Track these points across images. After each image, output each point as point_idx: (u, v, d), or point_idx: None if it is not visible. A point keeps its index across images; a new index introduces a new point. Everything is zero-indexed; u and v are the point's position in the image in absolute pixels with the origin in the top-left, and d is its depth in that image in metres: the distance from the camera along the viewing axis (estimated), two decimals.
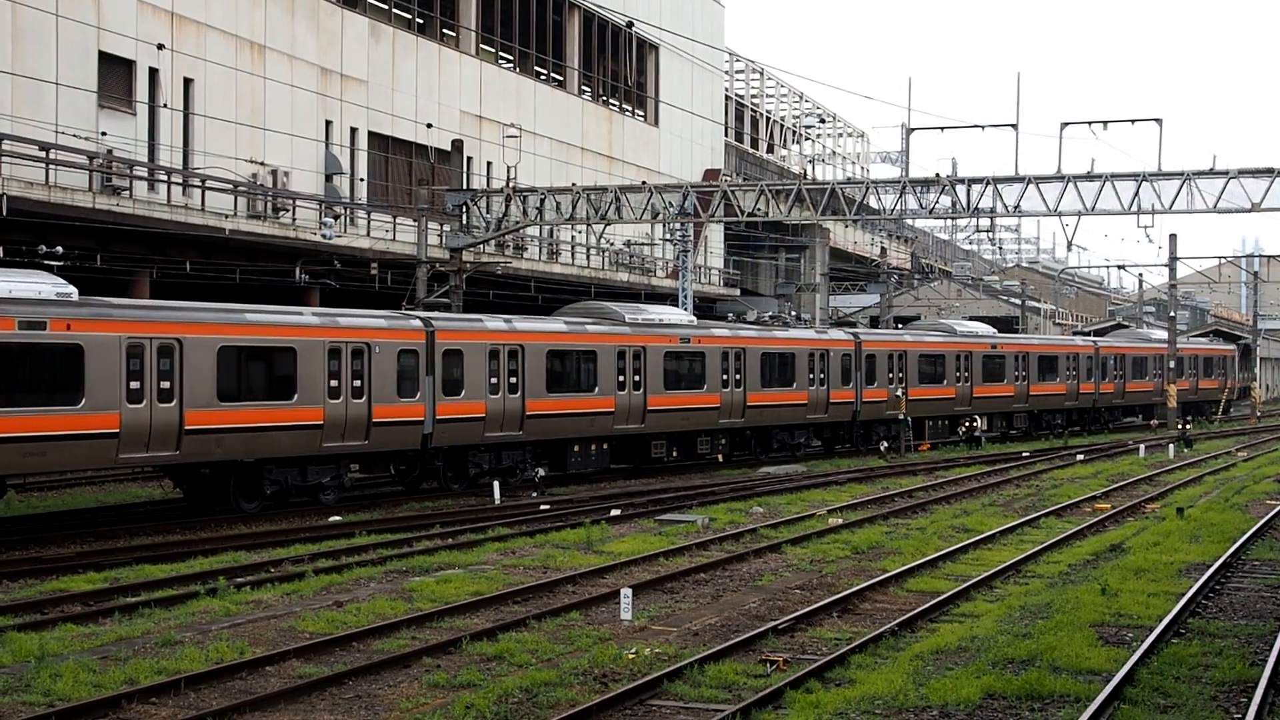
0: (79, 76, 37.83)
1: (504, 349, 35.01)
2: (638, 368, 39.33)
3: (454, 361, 33.73)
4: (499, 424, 34.81)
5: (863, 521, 30.51)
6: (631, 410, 39.07)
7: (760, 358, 44.49)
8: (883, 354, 50.90)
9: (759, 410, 44.38)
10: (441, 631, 18.45)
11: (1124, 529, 29.84)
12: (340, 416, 30.71)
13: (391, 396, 31.93)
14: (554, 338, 36.88)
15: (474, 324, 35.15)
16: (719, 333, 43.54)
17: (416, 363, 32.73)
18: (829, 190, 43.42)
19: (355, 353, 31.16)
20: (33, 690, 15.15)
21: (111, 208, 36.23)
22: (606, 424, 38.35)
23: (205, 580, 21.66)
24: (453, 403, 33.55)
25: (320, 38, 47.78)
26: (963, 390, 55.54)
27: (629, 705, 14.85)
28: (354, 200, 48.63)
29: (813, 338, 48.14)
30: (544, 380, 36.08)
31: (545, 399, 36.10)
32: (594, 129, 65.20)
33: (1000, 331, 69.33)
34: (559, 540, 26.92)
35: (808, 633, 18.80)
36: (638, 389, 39.30)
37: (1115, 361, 68.64)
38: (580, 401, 37.39)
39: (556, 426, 36.80)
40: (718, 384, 42.40)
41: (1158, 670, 16.17)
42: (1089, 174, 40.21)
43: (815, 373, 47.11)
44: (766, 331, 46.28)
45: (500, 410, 34.80)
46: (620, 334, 39.20)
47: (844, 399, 48.71)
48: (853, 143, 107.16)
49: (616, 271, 63.03)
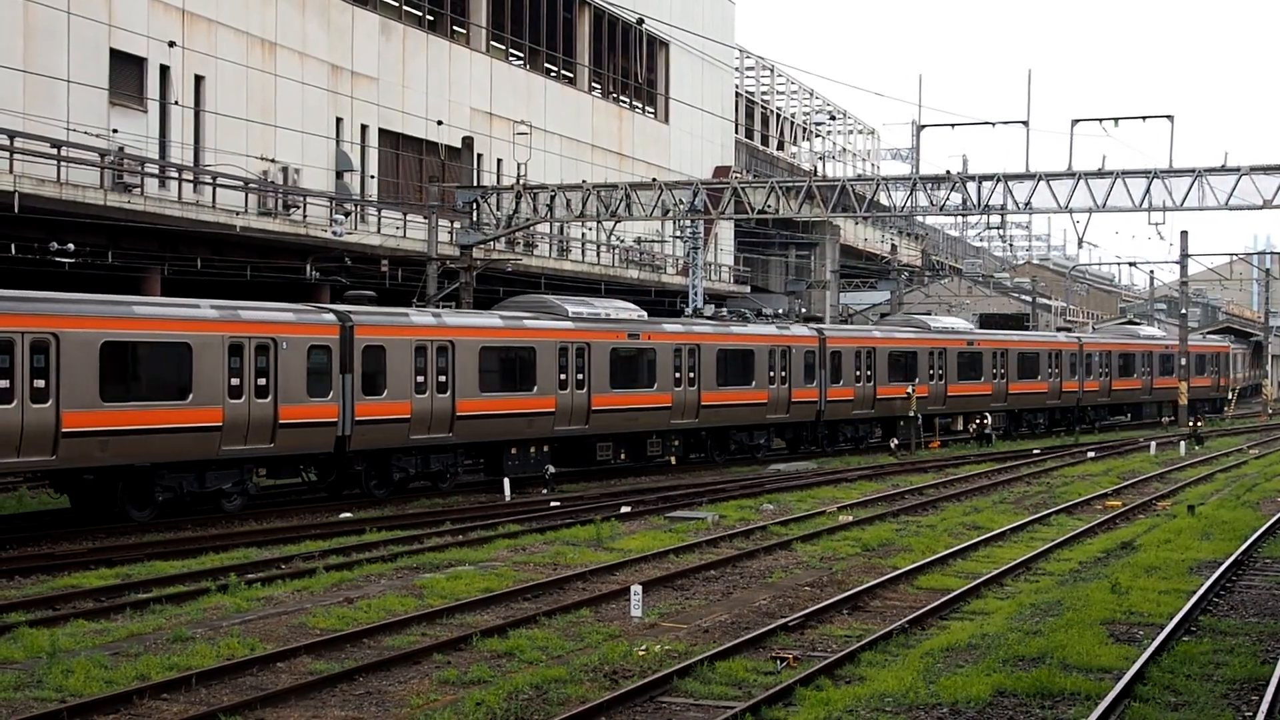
0: (90, 74, 37.89)
1: (432, 345, 33.00)
2: (581, 365, 37.19)
3: (375, 358, 31.66)
4: (426, 425, 32.77)
5: (873, 519, 30.49)
6: (574, 410, 36.96)
7: (716, 354, 42.39)
8: (849, 351, 48.83)
9: (714, 410, 42.33)
10: (452, 628, 18.46)
11: (1135, 526, 29.81)
12: (242, 417, 28.65)
13: (301, 396, 29.83)
14: (488, 333, 34.94)
15: (398, 318, 33.04)
16: (670, 328, 41.39)
17: (330, 360, 30.64)
18: (839, 187, 43.41)
19: (260, 349, 29.07)
20: (45, 686, 15.19)
21: (123, 205, 36.29)
22: (547, 425, 36.30)
23: (216, 576, 21.70)
24: (373, 403, 31.49)
25: (331, 35, 47.83)
26: (936, 389, 53.28)
27: (639, 702, 14.85)
28: (364, 197, 48.67)
29: (773, 334, 45.80)
30: (477, 378, 34.04)
31: (478, 398, 34.06)
32: (604, 126, 65.19)
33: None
34: (569, 537, 26.94)
35: (818, 630, 18.80)
36: (581, 388, 37.20)
37: (1101, 359, 66.18)
38: (517, 401, 35.32)
39: (491, 428, 34.80)
40: (669, 382, 40.33)
41: (1168, 668, 16.14)
42: (1100, 171, 40.15)
43: (776, 370, 44.99)
44: (723, 327, 44.09)
45: (428, 411, 32.76)
46: (562, 329, 37.05)
47: (807, 398, 46.67)
48: (863, 140, 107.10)
49: (627, 269, 63.03)
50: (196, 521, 28.65)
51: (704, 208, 43.83)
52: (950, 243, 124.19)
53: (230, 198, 40.90)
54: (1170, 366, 72.03)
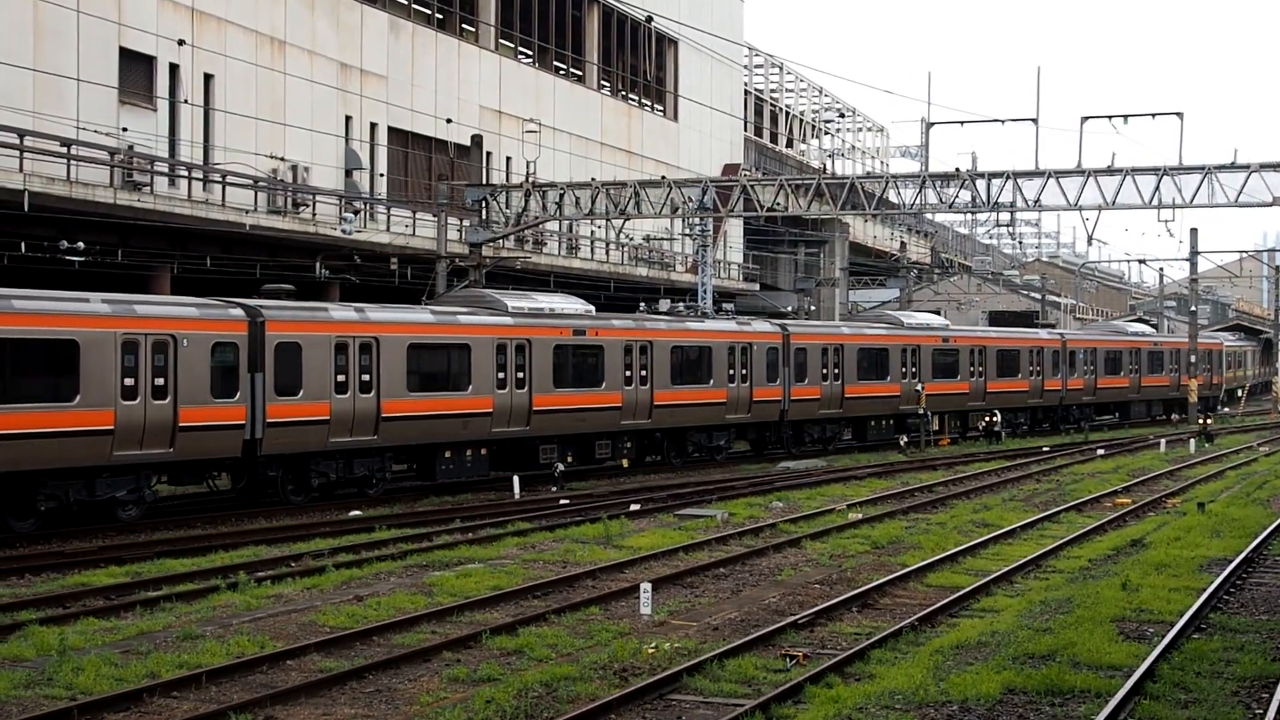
0: (100, 72, 37.93)
1: (354, 342, 31.11)
2: (521, 363, 35.29)
3: (289, 356, 29.72)
4: (347, 428, 30.89)
5: (882, 516, 30.49)
6: (514, 411, 35.04)
7: (670, 352, 40.36)
8: (814, 348, 46.76)
9: (669, 410, 40.32)
10: (461, 626, 18.47)
11: (1145, 524, 29.77)
12: (137, 420, 26.65)
13: (204, 397, 27.92)
14: (417, 329, 33.00)
15: (315, 313, 31.03)
16: (620, 324, 39.46)
17: (237, 358, 28.71)
18: (848, 185, 43.37)
19: (157, 346, 27.12)
20: (55, 684, 15.23)
21: (132, 203, 36.34)
22: (483, 426, 34.38)
23: (226, 574, 21.72)
24: (288, 404, 29.59)
25: (340, 33, 47.86)
26: (909, 388, 51.21)
27: (649, 699, 14.86)
28: (374, 195, 48.71)
29: (733, 330, 43.74)
30: (404, 377, 32.18)
31: (406, 399, 32.20)
32: (613, 124, 65.18)
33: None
34: (578, 535, 26.95)
35: (827, 627, 18.80)
36: (521, 387, 35.27)
37: (1085, 356, 63.82)
38: (450, 401, 33.46)
39: (421, 430, 32.91)
40: (619, 381, 38.30)
41: (1179, 665, 16.13)
42: (1109, 168, 40.12)
43: (736, 369, 42.90)
44: (678, 323, 42.09)
45: (349, 412, 30.86)
46: (500, 325, 35.09)
47: (769, 397, 44.57)
48: (872, 137, 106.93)
49: (636, 266, 63.03)
50: (206, 520, 28.70)
51: (713, 205, 43.79)
52: (959, 240, 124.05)
53: (240, 196, 40.94)
54: (1160, 364, 70.16)
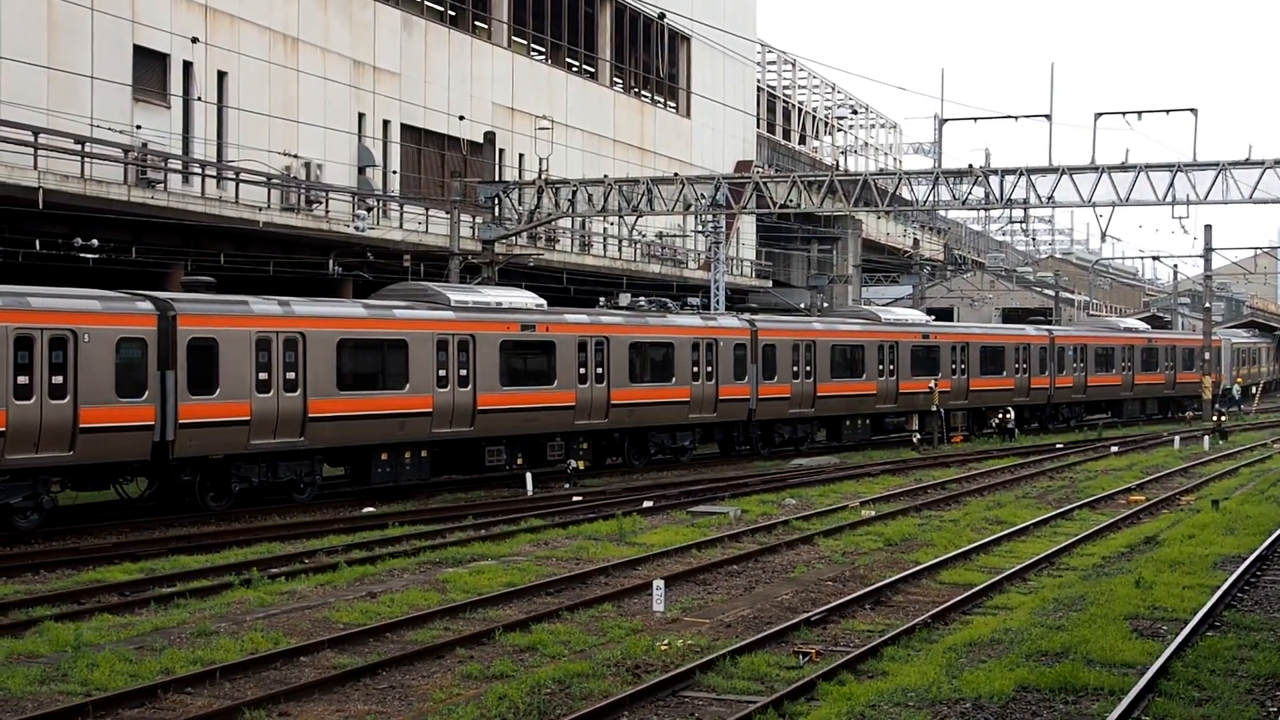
0: (114, 70, 38.01)
1: (278, 337, 29.25)
2: (464, 360, 33.34)
3: (204, 353, 27.93)
4: (270, 429, 29.00)
5: (895, 513, 30.47)
6: (457, 411, 33.09)
7: (628, 348, 38.34)
8: (784, 344, 44.65)
9: (627, 410, 38.30)
10: (475, 622, 18.50)
11: (1158, 521, 29.72)
12: (32, 422, 24.99)
13: (108, 396, 26.20)
14: (348, 324, 31.09)
15: (233, 307, 29.03)
16: (574, 319, 37.37)
17: (145, 354, 26.94)
18: (861, 181, 43.35)
19: (55, 342, 25.46)
20: (70, 680, 15.28)
21: (146, 200, 36.42)
22: (423, 427, 32.48)
23: (240, 571, 21.77)
24: (203, 403, 27.74)
25: (353, 30, 47.91)
26: (886, 385, 49.03)
27: (662, 696, 14.87)
28: (387, 193, 48.76)
29: (697, 325, 41.66)
30: (334, 375, 30.29)
31: (336, 398, 30.29)
32: (626, 121, 65.16)
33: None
34: (591, 532, 26.97)
35: (840, 624, 18.80)
36: (465, 385, 33.30)
37: (1075, 353, 61.24)
38: (386, 400, 31.57)
39: (353, 431, 31.01)
40: (572, 379, 36.42)
41: (1192, 663, 16.10)
42: (1123, 164, 40.08)
43: (701, 366, 40.99)
44: (637, 318, 39.81)
45: (272, 412, 28.98)
46: (441, 319, 33.15)
47: (736, 396, 42.57)
48: (885, 134, 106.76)
49: (649, 263, 63.03)
50: (220, 516, 28.77)
51: (726, 202, 43.80)
52: (973, 237, 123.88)
53: (253, 193, 41.01)
54: (1154, 361, 68.30)
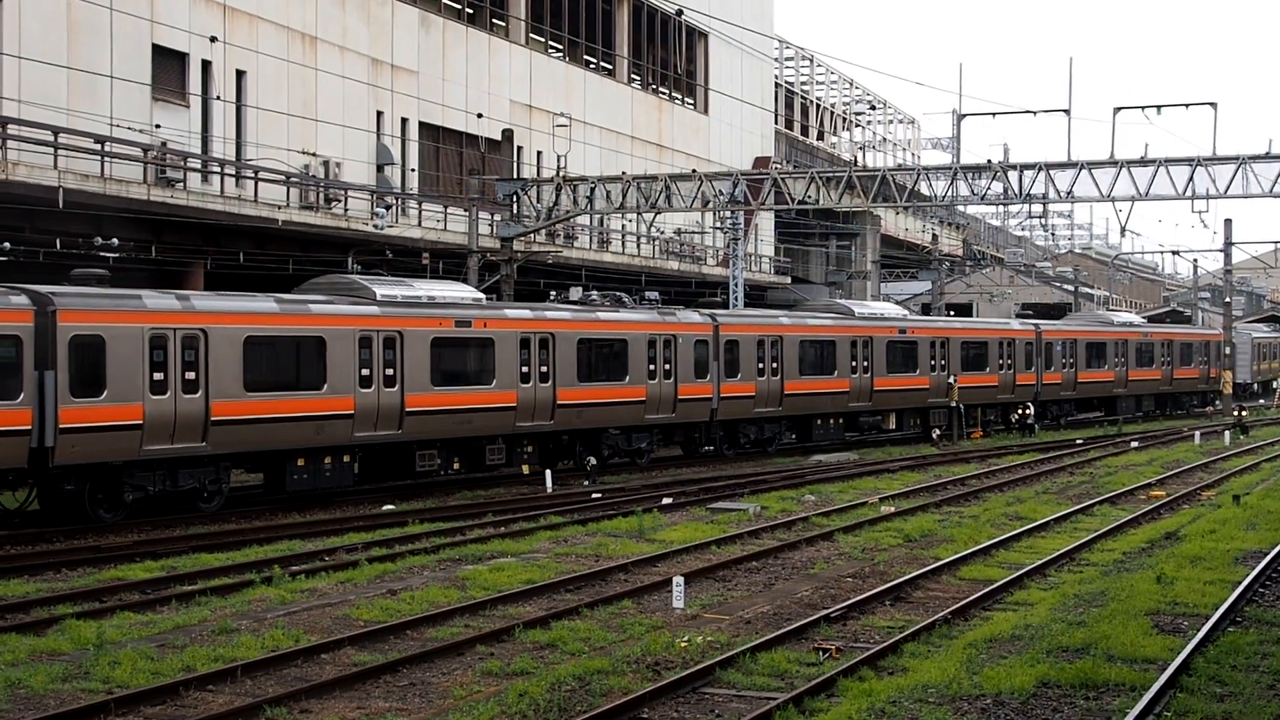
0: (133, 70, 38.12)
1: (175, 334, 27.13)
2: (391, 358, 31.41)
3: (89, 351, 25.95)
4: (167, 434, 26.89)
5: (915, 509, 30.44)
6: (382, 413, 31.09)
7: (576, 345, 36.36)
8: (749, 340, 42.55)
9: (575, 411, 36.28)
10: (495, 619, 18.53)
11: (1179, 516, 29.64)
12: None
13: None
14: (257, 319, 29.04)
15: (125, 301, 26.95)
16: (515, 314, 35.34)
17: (20, 353, 24.91)
18: (880, 177, 43.28)
19: None
20: (92, 678, 15.34)
21: (166, 199, 36.53)
22: (343, 430, 30.44)
23: (261, 569, 21.84)
24: (88, 406, 25.76)
25: (371, 28, 47.97)
26: (860, 383, 47.01)
27: (682, 693, 14.88)
28: (405, 190, 48.83)
29: (653, 321, 39.44)
30: (240, 375, 28.26)
31: (243, 399, 28.24)
32: (644, 117, 65.15)
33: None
34: (611, 528, 27.00)
35: (860, 621, 18.78)
36: (391, 385, 31.31)
37: (1065, 348, 59.04)
38: (301, 402, 29.56)
39: (263, 435, 28.91)
40: (514, 378, 34.34)
41: (1214, 659, 16.05)
42: (1142, 159, 39.97)
43: (658, 364, 38.95)
44: (586, 313, 37.95)
45: (168, 415, 26.87)
46: (364, 315, 31.15)
47: (697, 395, 40.47)
48: (903, 129, 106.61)
49: (667, 260, 63.02)
50: (240, 514, 28.85)
51: (744, 199, 43.77)
52: (992, 232, 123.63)
53: (272, 192, 41.10)
54: (1150, 357, 65.92)
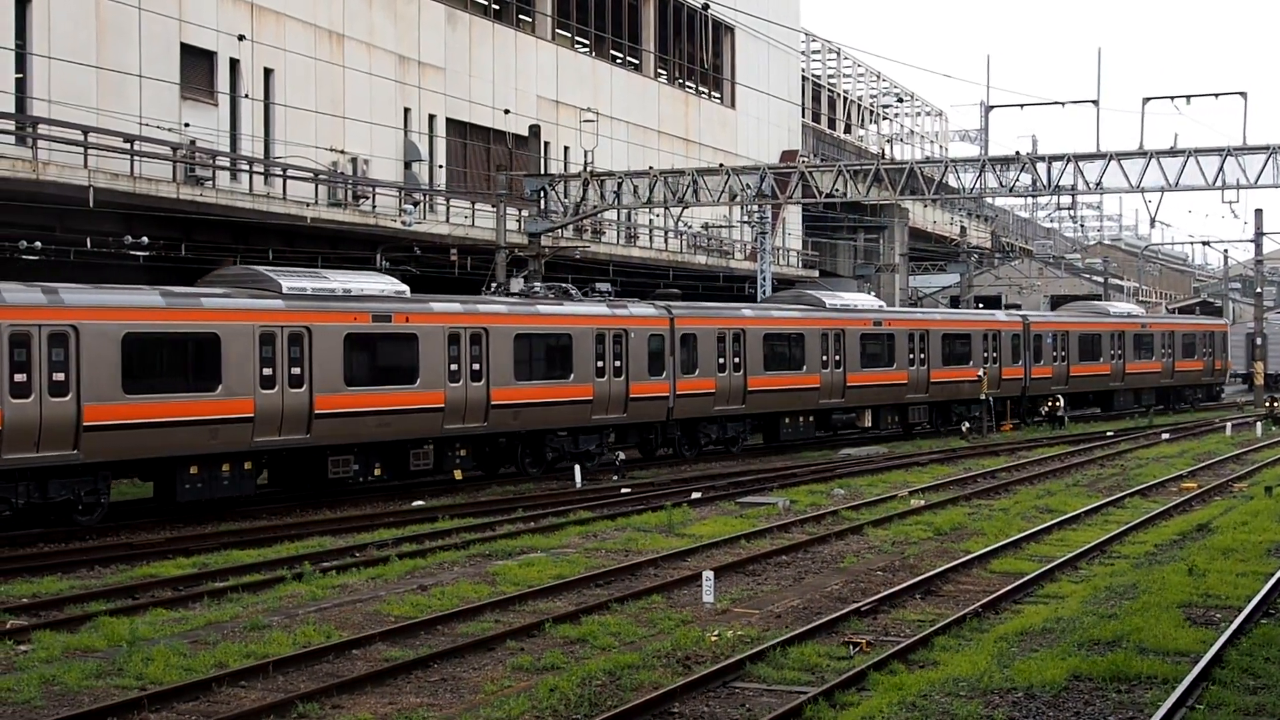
0: (162, 69, 38.29)
1: (40, 331, 24.34)
2: (297, 356, 28.74)
3: None
4: (32, 441, 24.23)
5: (945, 503, 30.36)
6: (287, 415, 28.45)
7: (513, 340, 33.79)
8: (707, 334, 39.94)
9: (512, 411, 33.70)
10: (525, 614, 18.57)
11: (1211, 508, 29.50)
12: None
13: None
14: (138, 314, 26.17)
15: None
16: (441, 308, 32.56)
17: None
18: (908, 170, 43.20)
19: None
20: (125, 674, 15.43)
21: (195, 198, 36.67)
22: (242, 435, 27.74)
23: (292, 565, 21.93)
24: None
25: (398, 26, 48.07)
26: (832, 378, 44.57)
27: (712, 687, 14.89)
28: (433, 187, 48.93)
29: (602, 314, 36.96)
30: (118, 376, 25.50)
31: (122, 403, 25.53)
32: (670, 112, 65.12)
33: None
34: (640, 523, 27.01)
35: (890, 614, 18.76)
36: (298, 386, 28.68)
37: (1055, 340, 56.46)
38: (191, 405, 26.83)
39: (147, 441, 26.20)
40: (440, 377, 31.78)
41: (1247, 651, 15.98)
42: (1172, 149, 39.82)
43: (607, 360, 36.48)
44: (525, 306, 35.51)
45: (32, 421, 24.15)
46: (265, 309, 28.48)
47: (652, 393, 38.04)
48: (931, 121, 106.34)
49: (694, 254, 62.99)
50: (272, 510, 28.97)
51: (771, 192, 43.74)
52: (1020, 224, 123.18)
53: (300, 189, 41.22)
54: (1149, 348, 63.25)
